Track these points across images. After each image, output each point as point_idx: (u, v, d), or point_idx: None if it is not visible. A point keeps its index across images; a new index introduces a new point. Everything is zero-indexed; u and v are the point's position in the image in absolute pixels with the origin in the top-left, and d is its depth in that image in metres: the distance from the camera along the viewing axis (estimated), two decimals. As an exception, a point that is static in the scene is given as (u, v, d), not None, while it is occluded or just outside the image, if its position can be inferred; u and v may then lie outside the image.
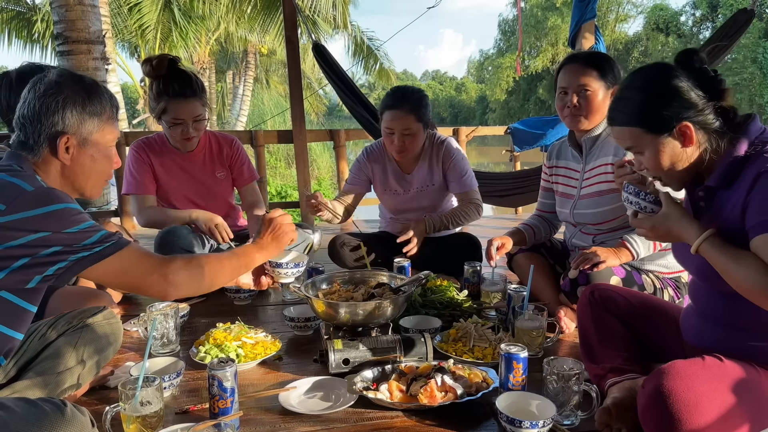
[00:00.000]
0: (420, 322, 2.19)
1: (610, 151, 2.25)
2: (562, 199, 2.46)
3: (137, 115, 17.64)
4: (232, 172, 3.05)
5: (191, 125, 2.76)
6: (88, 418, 1.30)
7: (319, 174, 16.81)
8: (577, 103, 2.25)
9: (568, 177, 2.45)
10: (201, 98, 2.77)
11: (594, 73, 2.22)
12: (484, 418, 1.62)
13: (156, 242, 2.79)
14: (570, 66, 2.28)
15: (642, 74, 1.51)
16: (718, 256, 1.35)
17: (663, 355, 1.66)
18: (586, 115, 2.26)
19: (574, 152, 2.42)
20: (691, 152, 1.45)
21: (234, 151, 3.04)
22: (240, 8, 13.83)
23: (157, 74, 2.71)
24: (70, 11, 5.64)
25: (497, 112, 38.21)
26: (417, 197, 2.99)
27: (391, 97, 2.80)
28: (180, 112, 2.72)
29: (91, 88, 1.49)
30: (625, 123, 1.51)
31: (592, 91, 2.22)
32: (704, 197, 1.49)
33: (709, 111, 1.43)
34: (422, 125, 2.78)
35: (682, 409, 1.26)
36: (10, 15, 13.41)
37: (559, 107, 2.32)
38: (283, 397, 1.69)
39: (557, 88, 2.32)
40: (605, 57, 2.32)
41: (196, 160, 2.97)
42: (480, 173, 4.79)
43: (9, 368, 1.59)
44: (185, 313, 2.35)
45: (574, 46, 4.67)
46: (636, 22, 40.80)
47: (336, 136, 5.34)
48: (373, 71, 17.19)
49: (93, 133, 1.48)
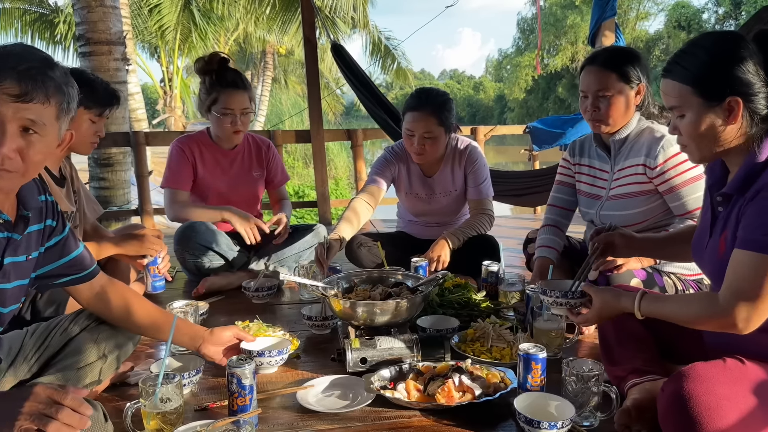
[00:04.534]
0: (437, 322, 2.18)
1: (641, 153, 2.18)
2: (588, 199, 2.41)
3: (157, 116, 17.83)
4: (268, 173, 3.15)
5: (239, 117, 2.84)
6: (101, 412, 1.31)
7: (336, 173, 16.88)
8: (597, 108, 2.18)
9: (595, 177, 2.39)
10: (249, 92, 2.88)
11: (613, 76, 2.14)
12: (502, 419, 1.61)
13: (175, 237, 2.82)
14: (588, 68, 2.21)
15: (713, 37, 1.45)
16: (660, 306, 1.50)
17: (683, 357, 1.63)
18: (606, 120, 2.18)
19: (600, 151, 2.36)
20: (729, 132, 1.39)
21: (271, 153, 3.16)
22: (259, 9, 13.91)
23: (209, 68, 2.82)
24: (92, 13, 5.72)
25: (515, 111, 38.01)
26: (438, 201, 2.98)
27: (414, 98, 2.77)
28: (231, 102, 2.81)
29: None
30: (679, 79, 1.43)
31: (612, 95, 2.14)
32: (722, 202, 1.47)
33: (763, 96, 1.37)
34: (444, 129, 2.74)
35: (702, 412, 1.24)
36: (33, 17, 13.62)
37: (581, 110, 2.27)
38: (301, 395, 1.70)
39: (579, 89, 2.27)
40: (628, 55, 2.21)
41: (235, 157, 3.04)
42: (498, 172, 4.77)
43: (32, 364, 1.62)
44: (204, 311, 2.37)
45: (594, 44, 4.64)
46: (657, 20, 40.38)
47: (353, 135, 5.35)
48: (391, 71, 17.18)
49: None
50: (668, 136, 2.14)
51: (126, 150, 5.98)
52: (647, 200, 2.20)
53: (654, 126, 2.22)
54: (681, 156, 2.10)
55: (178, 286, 2.96)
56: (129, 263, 2.49)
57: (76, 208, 2.39)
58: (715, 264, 1.39)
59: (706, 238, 1.52)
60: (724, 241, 1.42)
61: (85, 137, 2.26)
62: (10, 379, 1.58)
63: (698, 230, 1.61)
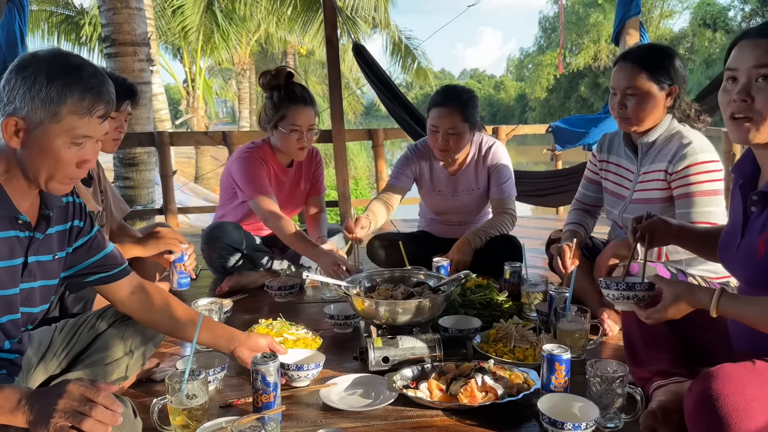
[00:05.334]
0: (459, 322, 2.18)
1: (666, 158, 2.14)
2: (613, 199, 2.38)
3: (180, 116, 18.03)
4: (311, 185, 3.11)
5: (305, 134, 2.80)
6: (130, 408, 1.33)
7: (356, 173, 16.90)
8: (624, 106, 2.14)
9: (621, 176, 2.36)
10: (315, 107, 2.84)
11: (643, 75, 2.09)
12: (525, 420, 1.61)
13: (203, 237, 2.85)
14: (620, 65, 2.16)
15: None
16: (743, 307, 1.35)
17: (710, 359, 1.60)
18: (632, 119, 2.15)
19: (628, 151, 2.32)
20: None
21: (316, 164, 3.11)
22: (280, 9, 13.99)
23: (276, 83, 2.78)
24: (117, 14, 5.81)
25: (537, 110, 37.71)
26: (461, 199, 2.98)
27: (439, 94, 2.78)
28: (299, 119, 2.76)
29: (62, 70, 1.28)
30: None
31: (640, 94, 2.10)
32: (757, 202, 1.44)
33: None
34: (468, 126, 2.74)
35: (731, 413, 1.22)
36: (59, 19, 13.84)
37: (610, 107, 2.23)
38: (324, 393, 1.71)
39: (610, 85, 2.23)
40: (662, 54, 2.14)
41: (293, 174, 3.02)
42: (520, 172, 4.73)
43: (61, 359, 1.66)
44: (228, 309, 2.40)
45: (618, 43, 4.58)
46: (682, 18, 39.79)
47: (374, 135, 5.36)
48: (411, 70, 17.16)
49: (44, 123, 1.27)
50: (696, 143, 2.08)
51: (150, 150, 6.06)
52: (668, 207, 2.15)
53: (685, 131, 2.16)
54: (705, 166, 2.06)
55: (202, 284, 2.99)
56: (155, 261, 2.53)
57: (102, 207, 2.43)
58: (751, 266, 1.35)
59: (737, 239, 1.48)
60: (764, 243, 1.38)
61: (107, 134, 2.27)
62: (41, 374, 1.62)
63: (726, 231, 1.57)
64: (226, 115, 34.80)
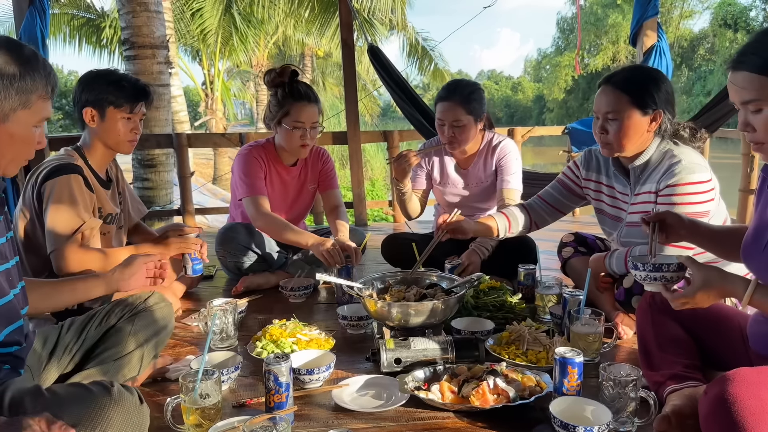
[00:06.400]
0: (472, 324, 2.18)
1: (656, 178, 2.07)
2: (612, 221, 2.33)
3: (198, 118, 18.19)
4: (319, 184, 3.13)
5: (308, 131, 2.82)
6: (136, 396, 1.35)
7: (372, 175, 16.92)
8: (605, 131, 2.07)
9: (616, 199, 2.30)
10: (319, 105, 2.86)
11: (625, 99, 2.02)
12: (537, 423, 1.60)
13: (217, 238, 2.88)
14: (603, 88, 2.08)
15: None
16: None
17: (726, 363, 1.59)
18: (615, 145, 2.07)
19: (618, 175, 2.26)
20: None
21: (323, 163, 3.11)
22: (298, 12, 14.07)
23: (280, 81, 2.80)
24: (137, 17, 5.88)
25: (555, 111, 37.53)
26: (472, 192, 3.01)
27: (443, 89, 2.84)
28: (302, 115, 2.78)
29: (26, 61, 1.34)
30: (755, 69, 1.30)
31: (621, 120, 2.02)
32: None
33: None
34: (473, 118, 2.77)
35: (747, 417, 1.20)
36: (80, 22, 14.05)
37: (593, 130, 2.16)
38: (336, 393, 1.72)
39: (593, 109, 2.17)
40: (647, 77, 2.06)
41: (297, 174, 3.04)
42: (534, 174, 4.72)
43: (73, 354, 1.69)
44: (243, 309, 2.42)
45: (635, 44, 4.54)
46: (702, 18, 39.27)
47: (390, 137, 5.36)
48: (428, 72, 17.15)
49: (16, 110, 1.32)
50: (686, 162, 2.01)
51: (169, 151, 6.12)
52: None
53: (676, 149, 2.08)
54: (695, 187, 1.98)
55: (217, 285, 3.02)
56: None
57: (120, 209, 2.46)
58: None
59: (765, 239, 1.44)
60: None
61: (122, 135, 2.27)
62: (54, 371, 1.65)
63: (753, 230, 1.52)
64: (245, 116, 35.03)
